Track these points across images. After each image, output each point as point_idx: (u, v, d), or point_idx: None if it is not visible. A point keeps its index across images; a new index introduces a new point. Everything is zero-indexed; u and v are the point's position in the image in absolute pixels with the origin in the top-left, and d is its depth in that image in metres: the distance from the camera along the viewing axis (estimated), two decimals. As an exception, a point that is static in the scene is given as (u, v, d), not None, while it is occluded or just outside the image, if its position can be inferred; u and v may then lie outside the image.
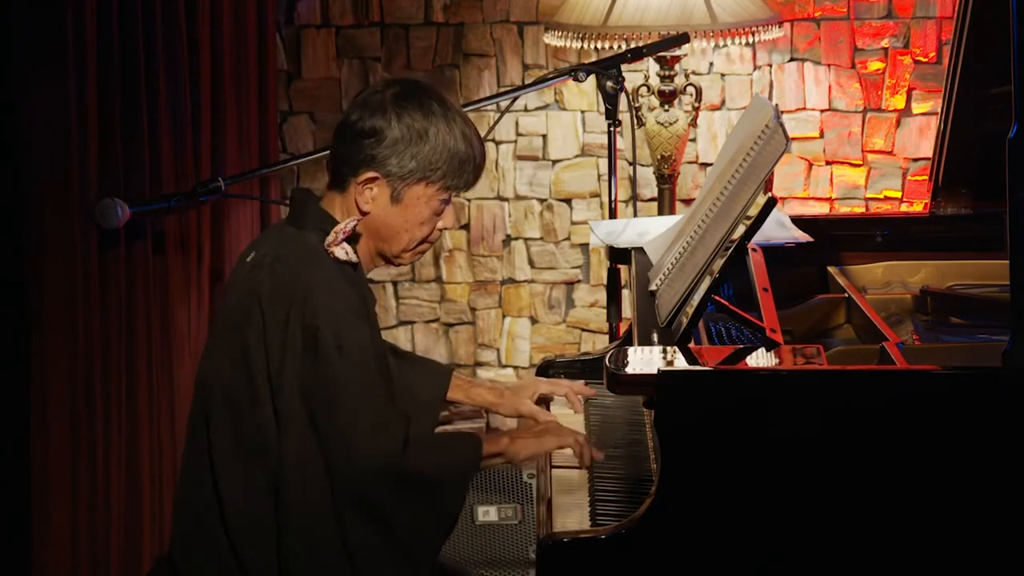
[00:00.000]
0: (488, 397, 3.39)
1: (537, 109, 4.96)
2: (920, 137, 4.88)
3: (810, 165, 4.94)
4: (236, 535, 2.93)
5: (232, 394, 2.93)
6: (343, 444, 2.85)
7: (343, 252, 2.95)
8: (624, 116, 4.33)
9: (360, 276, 3.00)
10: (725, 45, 4.46)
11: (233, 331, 2.94)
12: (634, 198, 4.44)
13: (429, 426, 3.30)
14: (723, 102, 4.91)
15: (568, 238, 5.02)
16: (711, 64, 4.90)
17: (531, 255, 5.03)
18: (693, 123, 4.65)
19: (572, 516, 2.90)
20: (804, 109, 4.91)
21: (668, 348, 2.89)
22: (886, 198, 4.92)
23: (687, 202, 4.80)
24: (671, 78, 4.57)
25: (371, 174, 2.96)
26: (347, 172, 2.98)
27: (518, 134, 4.98)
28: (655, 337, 3.07)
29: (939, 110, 3.80)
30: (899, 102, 4.88)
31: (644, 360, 2.82)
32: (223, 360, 2.96)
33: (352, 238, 2.97)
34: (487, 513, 4.74)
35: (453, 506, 2.93)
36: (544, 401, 3.43)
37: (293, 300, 2.88)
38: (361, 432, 2.86)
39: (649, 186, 4.83)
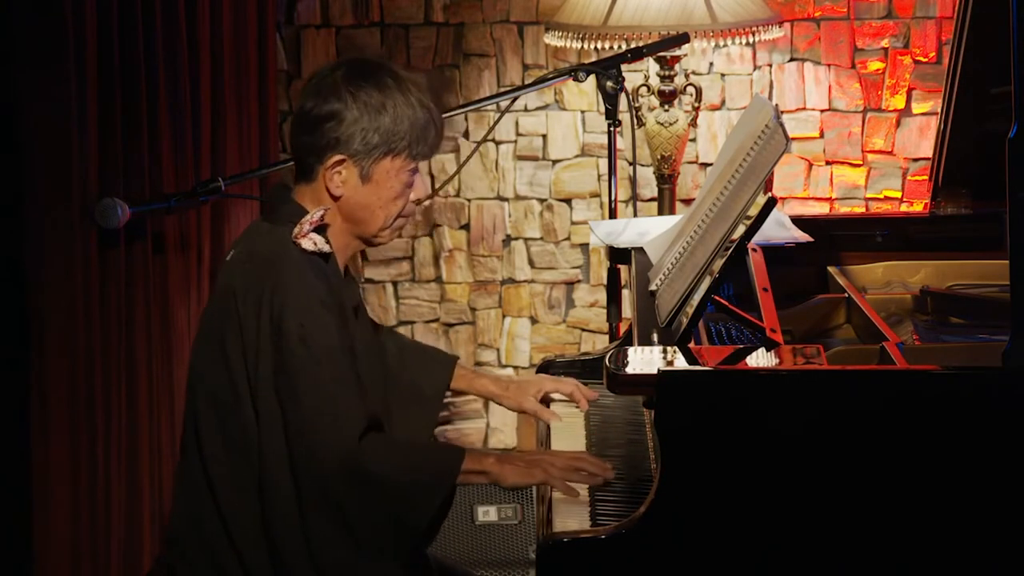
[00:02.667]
0: (492, 388, 3.37)
1: (537, 109, 4.96)
2: (920, 137, 4.88)
3: (810, 165, 4.94)
4: (233, 533, 2.93)
5: (216, 394, 2.94)
6: (302, 436, 2.85)
7: (310, 243, 2.94)
8: (624, 116, 4.33)
9: (332, 267, 2.98)
10: (725, 45, 4.46)
11: (213, 330, 2.95)
12: (634, 198, 4.44)
13: (432, 417, 3.30)
14: (723, 102, 4.91)
15: (568, 238, 5.02)
16: (711, 64, 4.90)
17: (531, 255, 5.03)
18: (693, 123, 4.65)
19: (572, 516, 2.89)
20: (804, 109, 4.91)
21: (668, 348, 2.89)
22: (886, 198, 4.92)
23: (687, 202, 4.80)
24: (671, 78, 4.57)
25: (337, 157, 2.96)
26: (313, 161, 2.98)
27: (518, 134, 4.98)
28: (655, 337, 3.07)
29: (939, 110, 3.80)
30: (899, 102, 4.88)
31: (644, 360, 2.82)
32: (206, 360, 2.97)
33: (321, 228, 2.97)
34: (487, 513, 4.74)
35: (417, 513, 2.88)
36: (546, 400, 3.42)
37: (263, 295, 2.88)
38: (319, 424, 2.85)
39: (649, 186, 4.83)
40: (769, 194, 2.91)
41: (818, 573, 2.68)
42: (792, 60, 4.90)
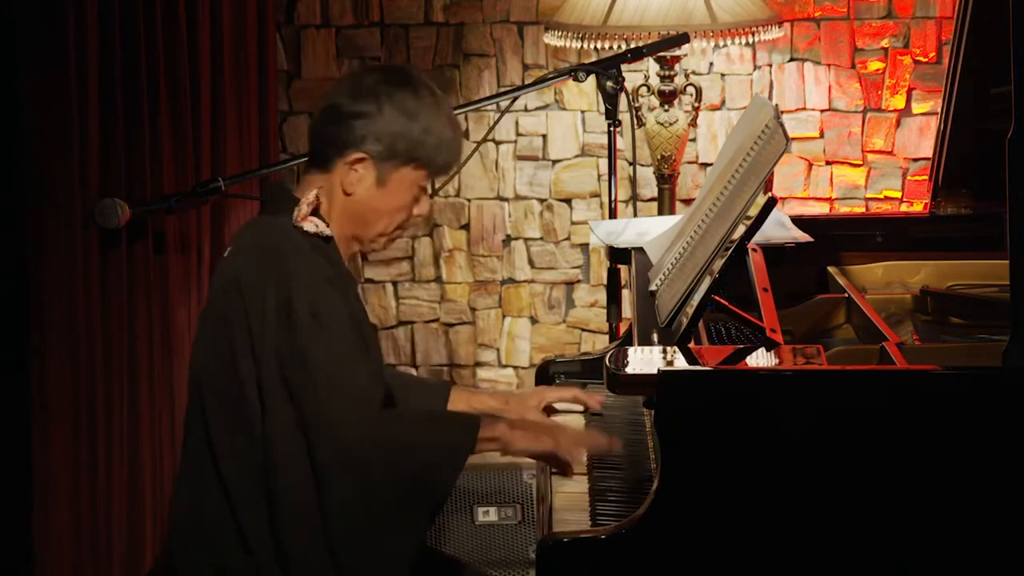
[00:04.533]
0: (491, 403, 3.37)
1: (537, 109, 4.96)
2: (920, 137, 4.88)
3: (810, 165, 4.94)
4: (243, 525, 2.92)
5: (220, 381, 2.94)
6: (321, 409, 2.85)
7: (312, 225, 2.95)
8: (624, 116, 4.33)
9: (333, 249, 2.99)
10: (725, 45, 4.46)
11: (216, 319, 2.96)
12: (634, 198, 4.43)
13: None
14: (723, 102, 4.91)
15: (568, 238, 5.02)
16: (711, 64, 4.90)
17: (531, 255, 5.03)
18: (693, 123, 4.65)
19: (572, 516, 2.89)
20: (804, 109, 4.91)
21: (668, 348, 2.89)
22: (886, 198, 4.92)
23: (687, 202, 4.80)
24: (671, 78, 4.57)
25: (359, 155, 2.97)
26: (333, 152, 2.98)
27: (518, 134, 4.98)
28: (655, 337, 3.07)
29: (939, 110, 3.80)
30: (899, 102, 4.88)
31: (644, 360, 2.82)
32: (209, 349, 2.97)
33: (316, 211, 2.97)
34: (487, 513, 4.74)
35: (442, 478, 2.88)
36: (548, 410, 3.42)
37: (268, 277, 2.89)
38: (339, 396, 2.85)
39: (649, 186, 4.83)
40: (769, 194, 2.91)
41: (818, 573, 2.68)
42: (792, 60, 4.90)
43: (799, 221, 3.66)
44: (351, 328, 2.92)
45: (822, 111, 4.91)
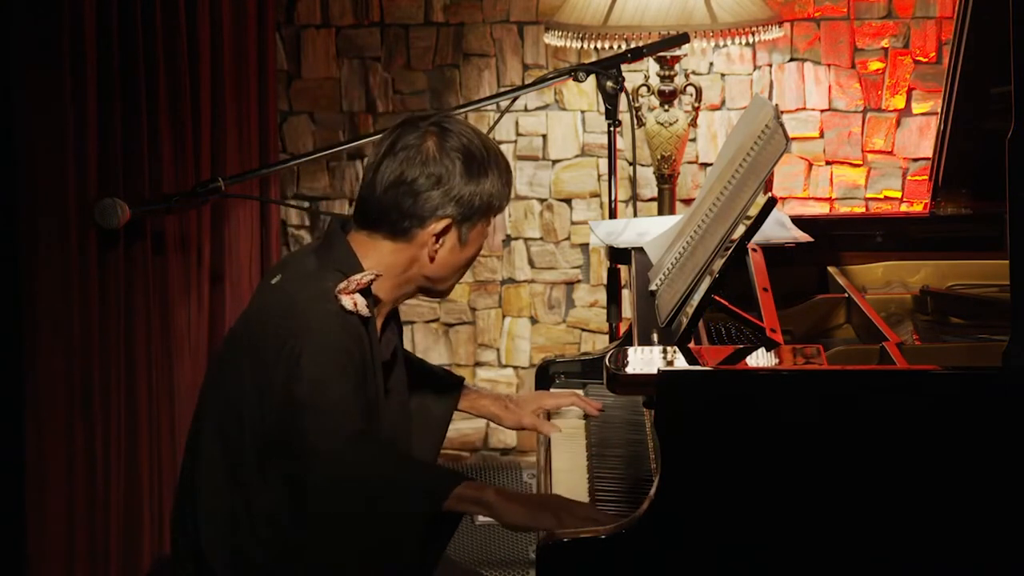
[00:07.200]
0: (492, 408, 3.37)
1: (537, 109, 4.96)
2: (920, 137, 4.88)
3: (810, 165, 4.94)
4: (217, 564, 2.94)
5: (223, 428, 2.94)
6: (310, 487, 2.83)
7: (351, 303, 2.90)
8: (624, 116, 4.33)
9: (368, 329, 2.94)
10: (725, 45, 4.46)
11: (234, 363, 2.94)
12: (634, 198, 4.44)
13: (437, 440, 3.30)
14: (723, 102, 4.91)
15: (568, 238, 5.02)
16: (711, 64, 4.90)
17: (531, 255, 5.03)
18: (693, 123, 4.65)
19: (572, 516, 2.89)
20: (804, 109, 4.91)
21: (668, 348, 2.89)
22: (886, 198, 4.92)
23: (687, 202, 4.80)
24: (671, 78, 4.57)
25: (445, 222, 2.95)
26: (412, 224, 2.95)
27: (518, 134, 4.98)
28: (655, 337, 3.07)
29: (939, 110, 3.80)
30: (899, 102, 4.88)
31: (644, 360, 2.82)
32: (220, 390, 2.96)
33: (366, 291, 2.94)
34: (487, 513, 4.73)
35: (389, 542, 2.80)
36: (547, 415, 3.42)
37: (285, 344, 2.86)
38: (321, 474, 2.81)
39: (649, 186, 4.83)
40: (769, 194, 2.91)
41: (818, 573, 2.68)
42: (792, 60, 4.90)
43: (799, 221, 3.66)
44: (347, 416, 2.84)
45: (822, 111, 4.91)
